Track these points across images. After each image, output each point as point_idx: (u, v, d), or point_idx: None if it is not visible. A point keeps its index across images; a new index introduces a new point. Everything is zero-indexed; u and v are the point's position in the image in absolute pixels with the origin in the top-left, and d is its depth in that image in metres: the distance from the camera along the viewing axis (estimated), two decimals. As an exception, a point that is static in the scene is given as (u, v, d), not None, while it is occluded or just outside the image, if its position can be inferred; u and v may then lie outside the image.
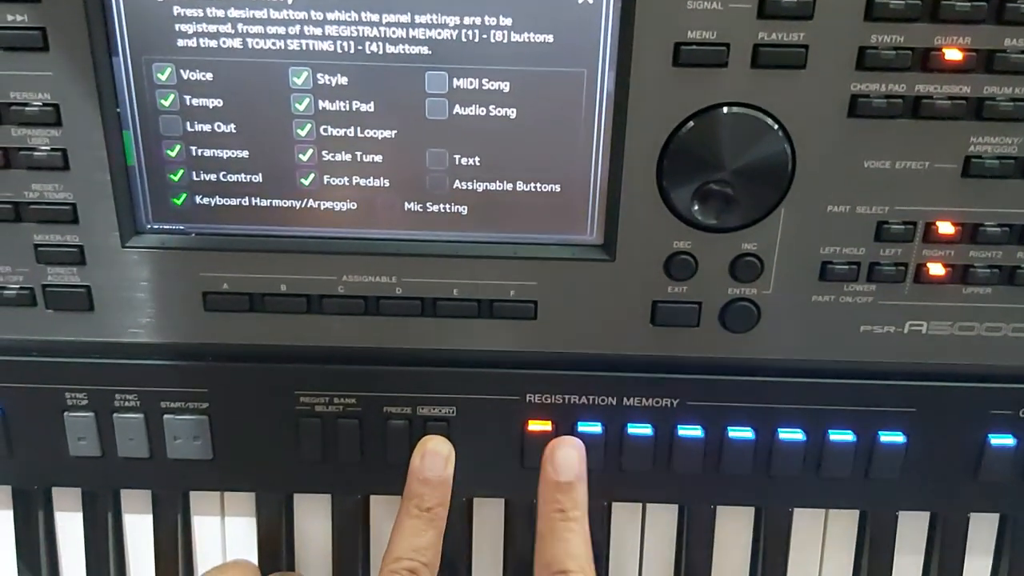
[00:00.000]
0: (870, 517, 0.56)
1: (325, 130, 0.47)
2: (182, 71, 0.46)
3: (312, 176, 0.48)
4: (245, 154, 0.48)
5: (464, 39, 0.45)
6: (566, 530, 0.49)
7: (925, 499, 0.55)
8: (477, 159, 0.48)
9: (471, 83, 0.46)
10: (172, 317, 0.51)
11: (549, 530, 0.49)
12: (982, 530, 0.57)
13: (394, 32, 0.45)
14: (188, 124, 0.47)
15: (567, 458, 0.50)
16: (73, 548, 0.58)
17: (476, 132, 0.47)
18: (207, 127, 0.47)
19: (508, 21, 0.45)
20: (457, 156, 0.48)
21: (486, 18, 0.45)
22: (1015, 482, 0.54)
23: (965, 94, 0.45)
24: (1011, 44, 0.44)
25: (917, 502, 0.55)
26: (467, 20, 0.45)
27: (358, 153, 0.48)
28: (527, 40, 0.45)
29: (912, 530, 0.57)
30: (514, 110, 0.47)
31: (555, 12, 0.45)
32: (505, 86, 0.46)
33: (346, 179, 0.48)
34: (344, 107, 0.47)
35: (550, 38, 0.45)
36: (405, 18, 0.45)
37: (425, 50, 0.45)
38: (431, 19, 0.45)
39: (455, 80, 0.46)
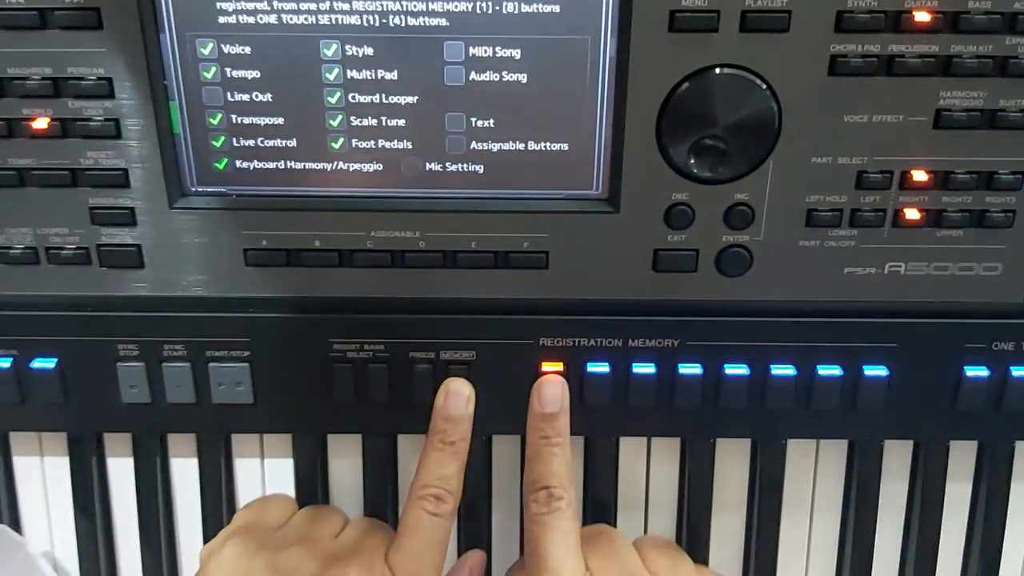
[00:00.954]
0: (857, 447, 0.61)
1: (353, 97, 0.52)
2: (223, 46, 0.51)
3: (342, 140, 0.53)
4: (280, 121, 0.52)
5: (479, 11, 0.49)
6: (550, 454, 0.55)
7: (907, 429, 0.59)
8: (492, 121, 0.52)
9: (486, 51, 0.50)
10: (216, 272, 0.55)
11: (535, 454, 0.55)
12: (961, 457, 0.61)
13: (415, 6, 0.49)
14: (229, 94, 0.52)
15: (552, 393, 0.56)
16: (124, 490, 0.63)
17: (491, 96, 0.51)
18: (246, 97, 0.52)
19: (518, -7, 0.49)
20: (473, 119, 0.52)
21: (499, -10, 0.49)
22: (990, 411, 0.58)
23: (934, 52, 0.49)
24: (975, 6, 0.48)
25: (900, 431, 0.60)
26: (481, -7, 0.49)
27: (383, 118, 0.52)
28: (536, 10, 0.49)
29: (897, 458, 0.61)
30: (525, 75, 0.51)
31: (561, -16, 0.49)
32: (516, 53, 0.50)
33: (372, 142, 0.53)
34: (370, 76, 0.51)
35: (557, 8, 0.49)
36: (425, -7, 0.49)
37: (443, 22, 0.50)
38: (449, -7, 0.49)
39: (471, 49, 0.50)
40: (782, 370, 0.57)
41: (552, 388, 0.56)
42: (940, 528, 0.62)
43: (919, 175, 0.52)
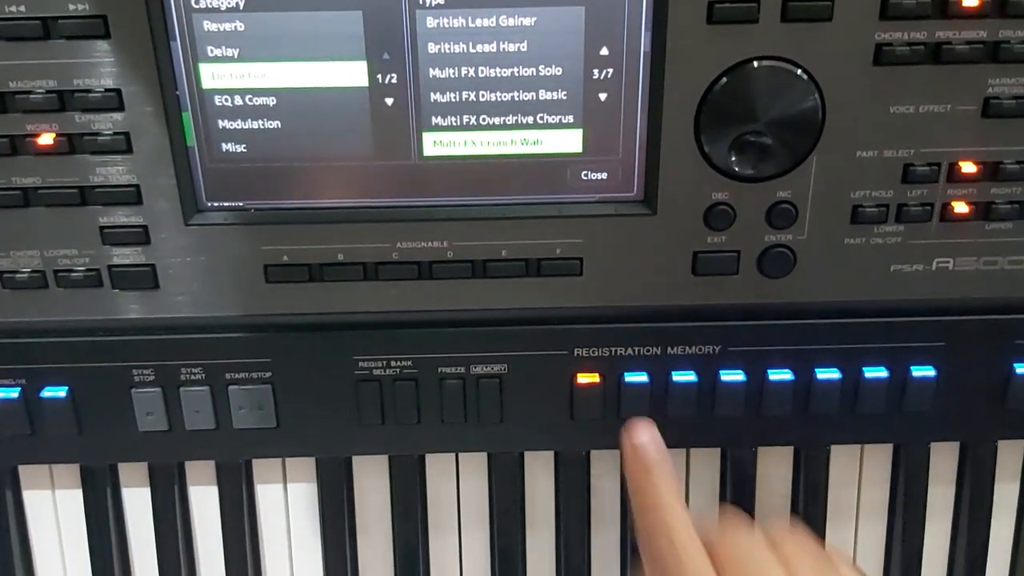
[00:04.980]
0: (903, 450, 0.59)
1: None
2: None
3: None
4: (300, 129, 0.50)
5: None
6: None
7: (955, 430, 0.58)
8: (520, 120, 0.50)
9: (511, 46, 0.48)
10: (235, 291, 0.52)
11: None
12: (1009, 457, 0.60)
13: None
14: (245, 101, 0.49)
15: (649, 438, 0.50)
16: (140, 522, 0.60)
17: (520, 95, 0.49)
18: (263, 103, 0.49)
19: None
20: (501, 118, 0.50)
21: (528, -13, 0.47)
22: (1040, 408, 0.56)
23: (982, 39, 0.47)
24: (1023, -10, 0.47)
25: (948, 433, 0.58)
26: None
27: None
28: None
29: (944, 461, 0.59)
30: (560, 69, 0.49)
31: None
32: (546, 48, 0.48)
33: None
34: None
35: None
36: None
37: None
38: None
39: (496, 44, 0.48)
40: (827, 374, 0.55)
41: (645, 432, 0.50)
42: (989, 530, 0.60)
43: (967, 167, 0.50)
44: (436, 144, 0.50)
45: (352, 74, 0.48)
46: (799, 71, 0.48)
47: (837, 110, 0.49)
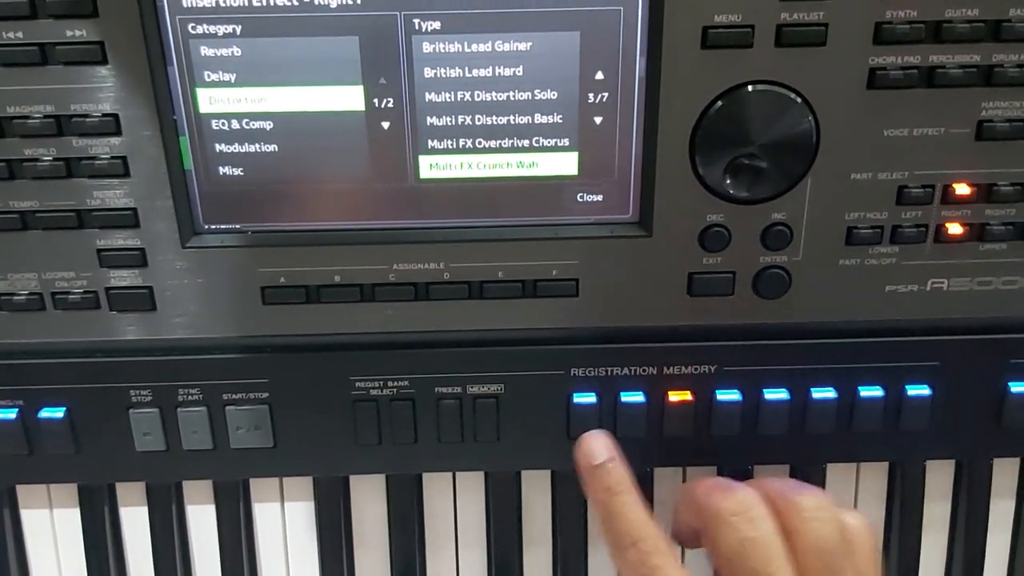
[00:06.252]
0: (899, 467, 0.59)
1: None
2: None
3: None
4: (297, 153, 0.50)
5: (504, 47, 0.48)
6: (621, 504, 0.49)
7: (951, 448, 0.58)
8: (516, 143, 0.50)
9: (505, 71, 0.49)
10: (232, 312, 0.53)
11: (607, 512, 0.49)
12: (1005, 475, 0.60)
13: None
14: (242, 125, 0.49)
15: (595, 443, 0.51)
16: (138, 541, 0.60)
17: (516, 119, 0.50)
18: (259, 127, 0.49)
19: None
20: (496, 141, 0.50)
21: (524, 12, 0.47)
22: (1035, 427, 0.56)
23: (975, 62, 0.48)
24: (1016, 14, 0.47)
25: (944, 451, 0.58)
26: (505, 15, 0.47)
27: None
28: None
29: (940, 478, 0.60)
30: (556, 94, 0.49)
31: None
32: (542, 74, 0.49)
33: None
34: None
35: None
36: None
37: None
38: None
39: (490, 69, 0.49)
40: (823, 393, 0.55)
41: (594, 438, 0.51)
42: (984, 547, 0.61)
43: (961, 188, 0.51)
44: (432, 167, 0.50)
45: (349, 98, 0.49)
46: (793, 95, 0.48)
47: (831, 133, 0.49)
